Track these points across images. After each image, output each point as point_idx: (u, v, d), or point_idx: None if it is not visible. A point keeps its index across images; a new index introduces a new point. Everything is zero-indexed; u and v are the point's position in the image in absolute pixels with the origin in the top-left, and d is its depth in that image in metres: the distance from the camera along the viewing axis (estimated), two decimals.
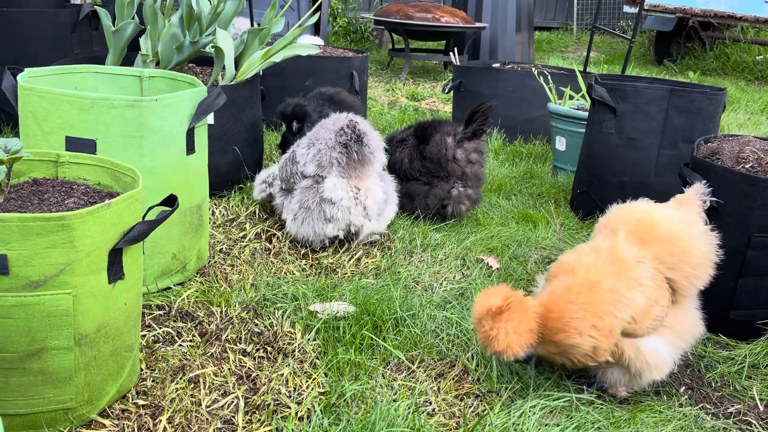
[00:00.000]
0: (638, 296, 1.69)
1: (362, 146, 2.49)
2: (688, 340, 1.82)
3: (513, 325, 1.63)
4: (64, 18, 3.53)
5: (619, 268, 1.71)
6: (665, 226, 1.77)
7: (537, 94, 4.28)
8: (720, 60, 8.29)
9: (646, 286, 1.70)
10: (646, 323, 1.70)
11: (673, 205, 1.86)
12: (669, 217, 1.81)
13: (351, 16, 8.71)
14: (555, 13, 11.96)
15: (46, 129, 1.97)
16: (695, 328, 1.83)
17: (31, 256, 1.39)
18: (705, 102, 2.87)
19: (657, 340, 1.74)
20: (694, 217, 1.85)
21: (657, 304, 1.71)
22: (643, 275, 1.71)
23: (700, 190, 1.89)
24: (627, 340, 1.71)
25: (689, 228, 1.80)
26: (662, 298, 1.73)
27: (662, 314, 1.73)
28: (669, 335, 1.75)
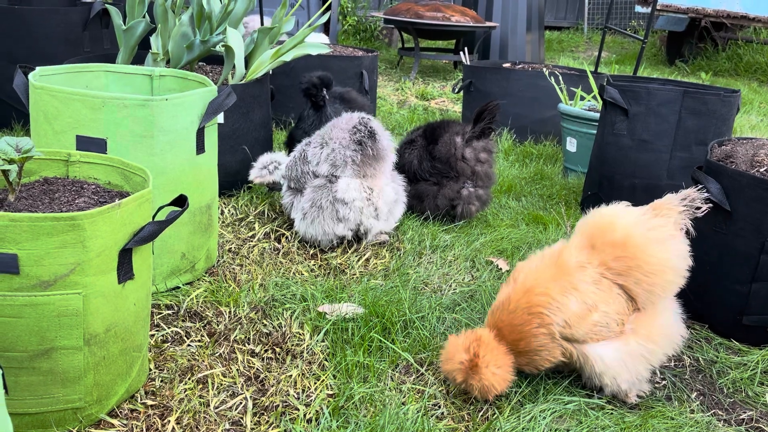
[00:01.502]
0: (572, 301, 1.68)
1: (376, 142, 2.50)
2: (664, 345, 1.76)
3: (492, 363, 1.68)
4: (75, 16, 3.54)
5: (558, 272, 1.72)
6: (619, 232, 1.72)
7: (547, 95, 4.26)
8: (732, 61, 8.22)
9: (583, 291, 1.69)
10: (582, 328, 1.68)
11: (647, 210, 1.78)
12: (626, 222, 1.74)
13: (361, 14, 8.70)
14: (566, 13, 11.90)
15: (57, 128, 1.97)
16: (671, 332, 1.78)
17: (42, 256, 1.39)
18: (718, 104, 2.84)
19: (606, 346, 1.71)
20: (662, 222, 1.74)
21: (597, 310, 1.69)
22: (583, 280, 1.70)
23: (688, 195, 1.79)
24: (575, 344, 1.71)
25: (646, 234, 1.71)
26: (606, 304, 1.70)
27: (609, 320, 1.70)
28: (634, 341, 1.72)
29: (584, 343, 1.71)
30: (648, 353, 1.74)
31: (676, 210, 1.76)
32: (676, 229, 1.75)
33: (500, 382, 1.69)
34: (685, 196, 1.77)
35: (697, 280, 2.25)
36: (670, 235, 1.73)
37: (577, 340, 1.71)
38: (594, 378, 1.75)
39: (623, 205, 1.82)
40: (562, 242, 1.86)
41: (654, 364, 1.78)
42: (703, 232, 2.23)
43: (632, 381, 1.75)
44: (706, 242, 2.22)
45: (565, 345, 1.72)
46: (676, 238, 1.74)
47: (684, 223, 1.77)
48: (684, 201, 1.77)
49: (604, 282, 1.72)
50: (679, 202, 1.77)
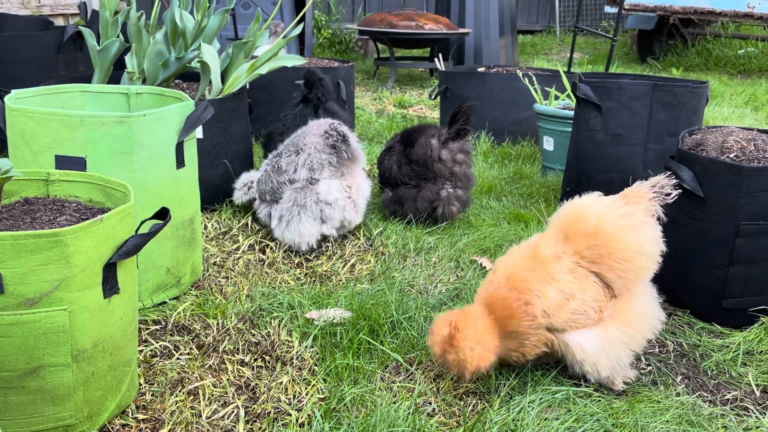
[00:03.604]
0: (550, 290, 1.72)
1: (349, 145, 2.62)
2: (642, 329, 1.79)
3: (471, 339, 1.68)
4: (49, 40, 3.54)
5: (535, 263, 1.76)
6: (590, 221, 1.75)
7: (523, 96, 4.32)
8: (702, 56, 8.37)
9: (560, 281, 1.73)
10: (561, 317, 1.72)
11: (617, 199, 1.81)
12: (597, 211, 1.76)
13: (335, 27, 8.76)
14: (537, 16, 12.06)
15: (35, 149, 1.97)
16: (649, 316, 1.81)
17: (26, 274, 1.40)
18: (688, 96, 2.91)
19: (586, 334, 1.74)
20: (632, 210, 1.77)
21: (575, 298, 1.72)
22: (559, 270, 1.74)
23: (657, 182, 1.80)
24: (555, 333, 1.75)
25: (617, 221, 1.74)
26: (583, 292, 1.73)
27: (586, 308, 1.73)
28: (613, 327, 1.75)
29: (564, 331, 1.74)
30: (627, 338, 1.76)
31: (646, 197, 1.79)
32: (646, 215, 1.78)
33: (477, 358, 1.67)
34: (654, 183, 1.80)
35: (676, 266, 2.30)
36: (641, 221, 1.76)
37: (557, 329, 1.74)
38: (575, 366, 1.78)
39: (595, 195, 1.85)
40: (537, 235, 1.89)
41: (635, 349, 1.80)
42: (680, 219, 2.28)
43: (613, 367, 1.77)
44: (683, 229, 2.27)
45: (547, 335, 1.75)
46: (647, 224, 1.77)
47: (654, 210, 1.79)
48: (654, 188, 1.79)
49: (580, 271, 1.75)
50: (649, 190, 1.80)
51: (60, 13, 6.60)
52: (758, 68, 7.92)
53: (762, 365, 2.00)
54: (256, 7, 6.52)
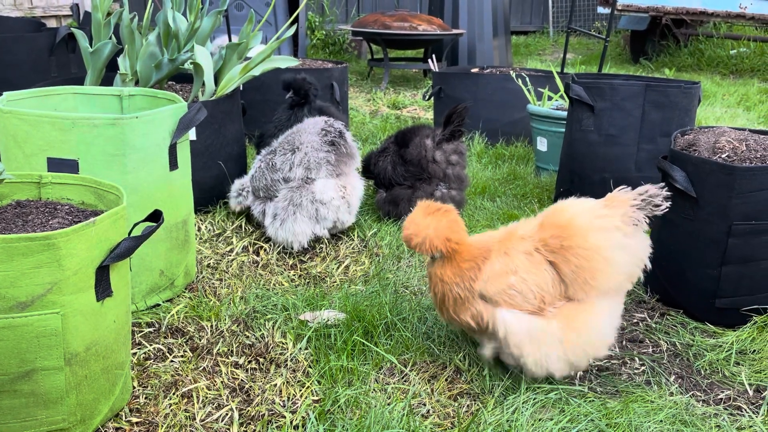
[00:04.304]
0: (498, 260, 1.76)
1: (347, 141, 2.65)
2: (583, 341, 1.72)
3: (435, 224, 1.76)
4: (41, 42, 3.53)
5: (506, 237, 1.82)
6: (565, 215, 1.75)
7: (516, 97, 4.33)
8: (695, 56, 8.41)
9: (511, 256, 1.75)
10: (496, 285, 1.73)
11: (600, 202, 1.77)
12: (576, 209, 1.76)
13: (329, 28, 8.76)
14: (531, 17, 12.08)
15: (28, 151, 1.96)
16: (595, 333, 1.74)
17: (18, 277, 1.39)
18: (680, 96, 2.92)
19: (518, 315, 1.72)
20: (610, 213, 1.72)
21: (516, 274, 1.72)
22: (516, 248, 1.76)
23: (646, 191, 1.74)
24: (488, 305, 1.75)
25: (590, 220, 1.71)
26: (528, 272, 1.72)
27: (525, 289, 1.71)
28: (555, 324, 1.72)
29: (497, 305, 1.73)
30: (564, 341, 1.71)
31: (627, 203, 1.72)
32: (623, 221, 1.71)
33: (436, 237, 1.74)
34: (642, 191, 1.73)
35: (669, 266, 2.31)
36: (614, 226, 1.70)
37: (490, 298, 1.74)
38: (502, 345, 1.75)
39: (585, 199, 1.82)
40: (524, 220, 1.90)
41: (569, 357, 1.73)
42: (672, 219, 2.29)
43: (538, 360, 1.72)
44: (676, 229, 2.28)
45: (479, 306, 1.75)
46: (620, 230, 1.71)
47: (635, 218, 1.72)
48: (641, 196, 1.73)
49: (536, 255, 1.74)
50: (633, 197, 1.73)
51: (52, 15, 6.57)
52: (750, 68, 7.96)
53: (755, 364, 2.01)
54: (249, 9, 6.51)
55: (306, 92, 3.25)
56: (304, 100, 3.27)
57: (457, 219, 1.80)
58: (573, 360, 1.74)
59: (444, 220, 1.76)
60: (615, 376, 1.95)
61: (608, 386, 1.90)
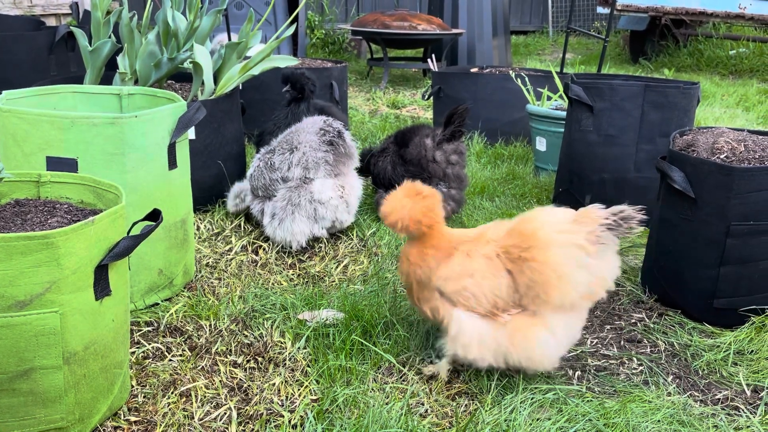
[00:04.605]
0: (459, 261, 1.78)
1: (345, 141, 2.65)
2: (525, 356, 1.72)
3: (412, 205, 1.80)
4: (41, 40, 3.53)
5: (474, 237, 1.83)
6: (532, 224, 1.73)
7: (516, 97, 4.33)
8: (694, 56, 8.41)
9: (472, 258, 1.77)
10: (451, 286, 1.77)
11: (571, 216, 1.72)
12: (544, 219, 1.73)
13: (328, 27, 8.76)
14: (530, 17, 12.09)
15: (27, 150, 1.96)
16: (542, 349, 1.72)
17: (16, 276, 1.39)
18: (679, 96, 2.92)
19: (472, 317, 1.75)
20: (575, 229, 1.67)
21: (472, 278, 1.75)
22: (478, 251, 1.78)
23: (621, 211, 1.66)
24: (445, 302, 1.79)
25: (553, 234, 1.68)
26: (484, 278, 1.74)
27: (478, 293, 1.73)
28: (502, 331, 1.72)
29: (453, 304, 1.77)
30: (505, 349, 1.73)
31: (597, 222, 1.66)
32: (587, 239, 1.66)
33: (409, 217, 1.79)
34: (617, 211, 1.66)
35: (668, 267, 2.32)
36: (576, 243, 1.66)
37: (448, 297, 1.78)
38: (449, 340, 1.78)
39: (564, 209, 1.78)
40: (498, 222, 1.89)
41: (509, 363, 1.75)
42: (671, 220, 2.29)
43: (482, 361, 1.76)
44: (675, 230, 2.28)
45: (437, 301, 1.80)
46: (582, 249, 1.66)
47: (602, 237, 1.66)
48: (614, 216, 1.66)
49: (496, 261, 1.75)
50: (605, 216, 1.67)
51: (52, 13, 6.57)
52: (749, 69, 7.96)
53: (752, 365, 2.01)
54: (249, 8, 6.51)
55: (302, 86, 3.25)
56: (301, 95, 3.27)
57: (434, 205, 1.83)
58: (512, 365, 1.77)
59: (421, 203, 1.80)
60: (613, 376, 1.95)
61: (606, 386, 1.90)
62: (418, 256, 1.84)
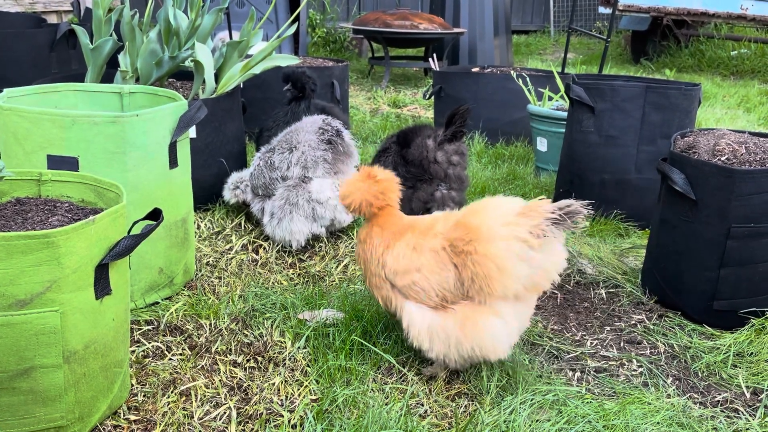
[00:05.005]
0: (403, 253, 1.82)
1: (344, 140, 2.65)
2: (476, 344, 1.74)
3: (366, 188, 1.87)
4: (42, 38, 3.52)
5: (424, 228, 1.85)
6: (478, 218, 1.74)
7: (517, 97, 4.33)
8: (695, 57, 8.41)
9: (419, 253, 1.80)
10: (402, 281, 1.80)
11: (519, 209, 1.71)
12: (492, 212, 1.74)
13: (330, 26, 8.75)
14: (532, 17, 12.08)
15: (28, 148, 1.96)
16: (491, 337, 1.73)
17: (17, 275, 1.39)
18: (680, 98, 2.92)
19: (422, 309, 1.79)
20: (520, 222, 1.67)
21: (420, 273, 1.78)
22: (426, 245, 1.80)
23: (568, 206, 1.66)
24: (397, 294, 1.83)
25: (496, 226, 1.69)
26: (432, 272, 1.76)
27: (427, 287, 1.77)
28: (451, 321, 1.76)
29: (405, 297, 1.81)
30: (456, 338, 1.75)
31: (541, 216, 1.66)
32: (531, 233, 1.66)
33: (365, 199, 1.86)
34: (563, 206, 1.66)
35: (668, 268, 2.32)
36: (518, 237, 1.66)
37: (399, 290, 1.82)
38: (405, 331, 1.82)
39: (512, 198, 1.79)
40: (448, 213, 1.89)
41: (462, 353, 1.76)
42: (671, 221, 2.29)
43: (435, 353, 1.79)
44: (675, 231, 2.28)
45: (389, 290, 1.84)
46: (525, 242, 1.66)
47: (547, 231, 1.65)
48: (560, 210, 1.65)
49: (442, 254, 1.77)
50: (551, 210, 1.66)
51: (53, 10, 6.56)
52: (751, 70, 7.96)
53: (752, 367, 2.02)
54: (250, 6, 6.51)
55: (303, 85, 3.25)
56: (302, 94, 3.27)
57: (387, 188, 1.88)
58: (465, 356, 1.78)
59: (374, 187, 1.86)
60: (612, 377, 1.96)
61: (605, 388, 1.90)
62: (366, 235, 1.91)
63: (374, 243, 1.87)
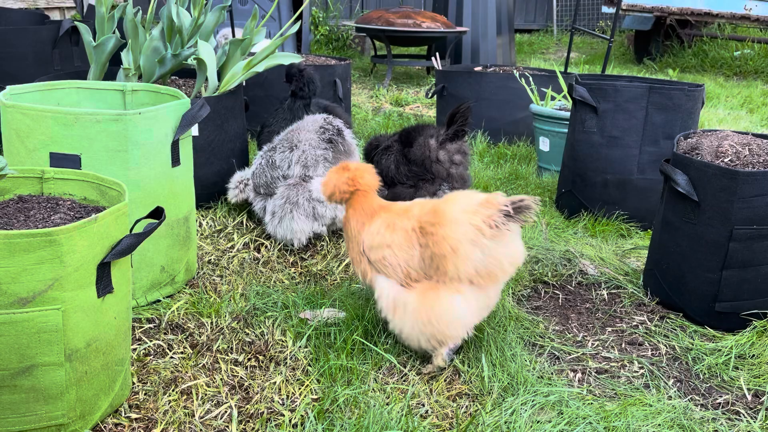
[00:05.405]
0: (377, 230, 1.95)
1: (345, 139, 2.66)
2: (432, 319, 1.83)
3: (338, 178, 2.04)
4: (45, 35, 3.52)
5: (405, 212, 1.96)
6: (446, 204, 1.86)
7: (519, 96, 4.32)
8: (699, 57, 8.39)
9: (393, 231, 1.92)
10: (374, 255, 1.94)
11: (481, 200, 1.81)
12: (460, 201, 1.85)
13: (332, 24, 8.74)
14: (535, 15, 12.06)
15: (30, 146, 1.96)
16: (448, 315, 1.83)
17: (19, 273, 1.39)
18: (683, 98, 2.92)
19: (391, 283, 1.91)
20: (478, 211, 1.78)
21: (390, 249, 1.90)
22: (400, 224, 1.93)
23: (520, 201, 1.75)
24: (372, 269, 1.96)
25: (458, 213, 1.80)
26: (400, 249, 1.89)
27: (394, 264, 1.89)
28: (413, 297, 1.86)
29: (377, 272, 1.94)
30: (417, 313, 1.85)
31: (495, 207, 1.76)
32: (484, 222, 1.75)
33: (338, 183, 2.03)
34: (516, 200, 1.75)
35: (670, 269, 2.31)
36: (473, 223, 1.77)
37: (373, 264, 1.95)
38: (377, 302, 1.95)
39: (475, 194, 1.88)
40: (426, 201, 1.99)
41: (422, 329, 1.85)
42: (674, 222, 2.29)
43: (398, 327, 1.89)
44: (678, 232, 2.28)
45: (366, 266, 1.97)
46: (479, 229, 1.76)
47: (498, 222, 1.74)
48: (513, 204, 1.74)
49: (412, 234, 1.89)
50: (505, 203, 1.75)
51: (56, 6, 6.56)
52: (754, 70, 7.94)
53: (754, 369, 2.01)
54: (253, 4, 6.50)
55: (304, 84, 3.22)
56: (303, 93, 3.24)
57: (356, 176, 2.02)
58: (423, 330, 1.86)
59: (345, 175, 2.04)
60: (614, 378, 1.95)
61: (607, 389, 1.90)
62: (345, 218, 2.09)
63: (351, 223, 2.04)
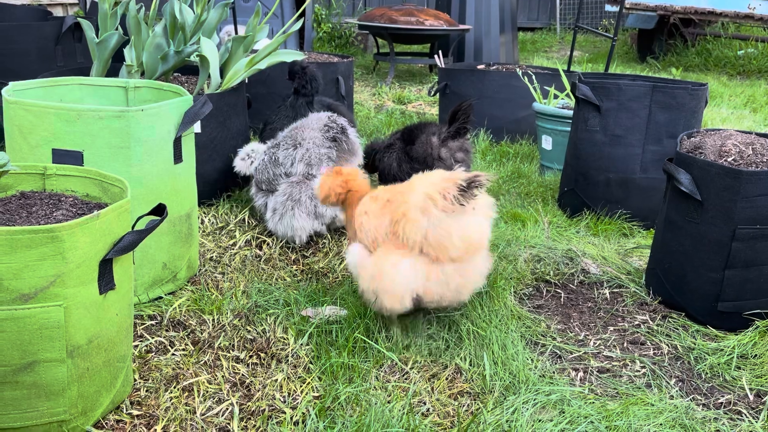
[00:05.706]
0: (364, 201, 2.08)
1: (349, 138, 2.65)
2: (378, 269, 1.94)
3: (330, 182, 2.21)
4: (48, 31, 3.52)
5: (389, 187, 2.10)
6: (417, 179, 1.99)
7: (522, 95, 4.31)
8: (702, 56, 8.37)
9: (374, 200, 2.06)
10: (357, 219, 2.07)
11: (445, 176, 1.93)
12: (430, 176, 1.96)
13: (335, 21, 8.74)
14: (538, 14, 12.03)
15: (33, 142, 1.96)
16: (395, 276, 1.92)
17: (21, 269, 1.39)
18: (687, 97, 2.91)
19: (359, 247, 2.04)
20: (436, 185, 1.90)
21: (367, 216, 2.03)
22: (381, 196, 2.06)
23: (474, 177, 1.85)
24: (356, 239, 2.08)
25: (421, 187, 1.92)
26: (374, 217, 2.01)
27: (367, 231, 2.01)
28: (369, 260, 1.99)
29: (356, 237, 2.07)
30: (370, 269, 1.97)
31: (452, 182, 1.86)
32: (440, 194, 1.86)
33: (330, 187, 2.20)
34: (472, 176, 1.85)
35: (672, 269, 2.31)
36: (427, 193, 1.89)
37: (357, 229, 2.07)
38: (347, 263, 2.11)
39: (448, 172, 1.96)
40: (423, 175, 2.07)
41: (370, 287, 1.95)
42: (677, 222, 2.28)
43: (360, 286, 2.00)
44: (680, 232, 2.27)
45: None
46: (432, 200, 1.87)
47: (452, 196, 1.84)
48: (466, 180, 1.84)
49: (386, 205, 2.01)
50: (462, 178, 1.86)
51: (58, 3, 6.56)
52: (758, 69, 7.92)
53: (756, 369, 2.01)
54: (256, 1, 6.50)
55: (306, 83, 3.22)
56: (305, 90, 3.24)
57: (347, 179, 2.19)
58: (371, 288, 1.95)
59: (337, 178, 2.20)
60: (615, 378, 1.95)
61: (608, 388, 1.90)
62: (346, 218, 2.24)
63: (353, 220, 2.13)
